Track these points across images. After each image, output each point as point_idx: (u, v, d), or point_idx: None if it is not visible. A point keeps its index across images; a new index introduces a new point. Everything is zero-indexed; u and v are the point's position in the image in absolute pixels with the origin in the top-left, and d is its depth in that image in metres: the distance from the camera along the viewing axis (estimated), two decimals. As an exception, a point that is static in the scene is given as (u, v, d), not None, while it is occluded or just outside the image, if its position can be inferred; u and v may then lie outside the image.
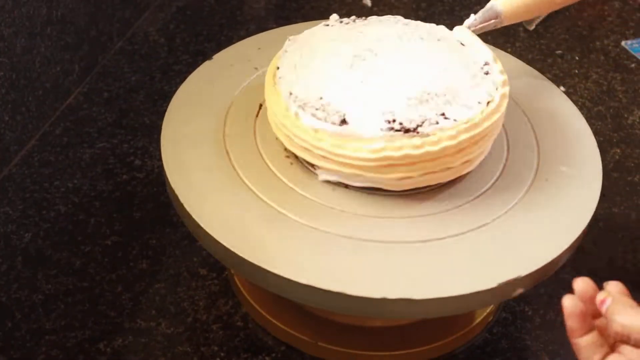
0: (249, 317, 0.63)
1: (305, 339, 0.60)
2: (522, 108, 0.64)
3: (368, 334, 0.61)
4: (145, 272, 0.66)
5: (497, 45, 0.63)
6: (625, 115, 0.87)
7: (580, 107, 0.85)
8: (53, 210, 0.71)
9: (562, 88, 0.87)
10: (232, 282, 0.64)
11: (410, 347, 0.60)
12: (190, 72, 0.65)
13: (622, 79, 0.92)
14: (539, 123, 0.63)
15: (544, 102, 0.65)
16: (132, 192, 0.73)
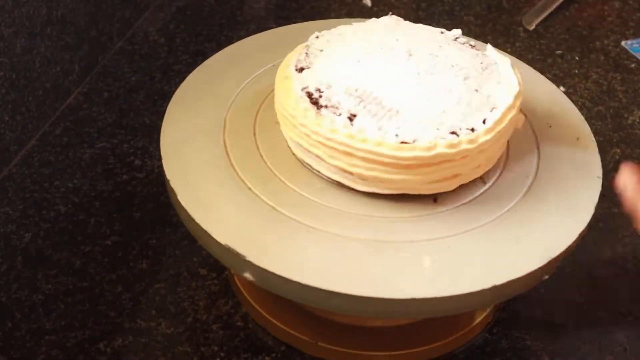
0: (249, 317, 0.63)
1: (305, 339, 0.60)
2: (521, 108, 0.64)
3: (368, 334, 0.61)
4: (145, 272, 0.66)
5: (497, 45, 0.63)
6: (625, 115, 0.86)
7: (580, 107, 0.85)
8: (53, 210, 0.71)
9: (562, 88, 0.87)
10: (232, 282, 0.64)
11: (410, 347, 0.60)
12: (190, 72, 0.65)
13: (622, 79, 0.92)
14: (539, 123, 0.63)
15: (544, 102, 0.65)
16: (132, 192, 0.73)
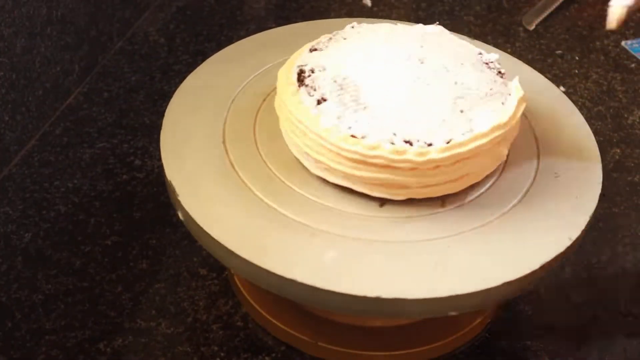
0: (249, 317, 0.63)
1: (305, 339, 0.60)
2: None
3: (368, 334, 0.61)
4: (145, 272, 0.66)
5: (497, 45, 0.63)
6: (625, 115, 0.86)
7: (580, 107, 0.85)
8: (53, 210, 0.71)
9: (562, 88, 0.87)
10: (232, 282, 0.64)
11: (410, 347, 0.60)
12: (190, 72, 0.65)
13: (622, 79, 0.92)
14: (539, 123, 0.63)
15: (544, 102, 0.65)
16: (132, 192, 0.73)
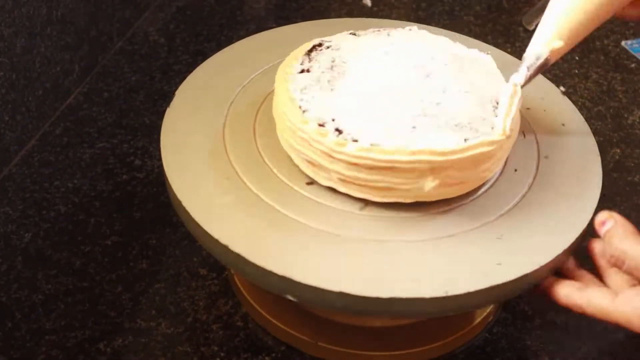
0: (249, 317, 0.63)
1: (305, 339, 0.60)
2: (521, 108, 0.64)
3: (368, 334, 0.61)
4: (145, 272, 0.66)
5: (497, 45, 0.63)
6: (625, 115, 0.87)
7: (580, 107, 0.85)
8: (53, 210, 0.71)
9: (562, 88, 0.87)
10: (232, 282, 0.64)
11: (410, 347, 0.60)
12: (190, 72, 0.65)
13: (622, 79, 0.92)
14: (538, 123, 0.63)
15: (544, 102, 0.65)
16: (132, 192, 0.73)
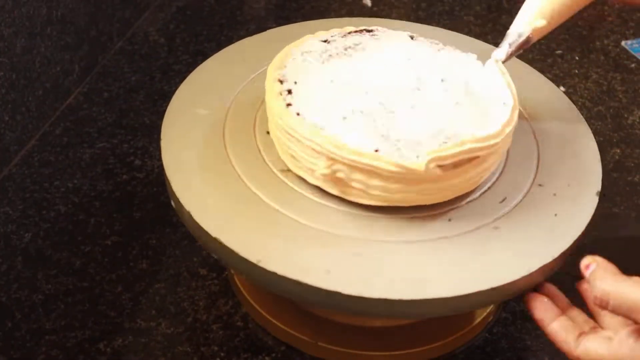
0: (249, 317, 0.63)
1: (305, 339, 0.60)
2: (521, 108, 0.64)
3: (368, 334, 0.61)
4: (145, 272, 0.66)
5: (497, 45, 0.63)
6: (625, 115, 0.87)
7: (580, 107, 0.85)
8: (53, 210, 0.71)
9: (562, 88, 0.87)
10: (232, 282, 0.64)
11: (410, 347, 0.60)
12: (190, 72, 0.65)
13: (622, 79, 0.92)
14: (539, 123, 0.63)
15: (544, 102, 0.65)
16: (132, 192, 0.73)
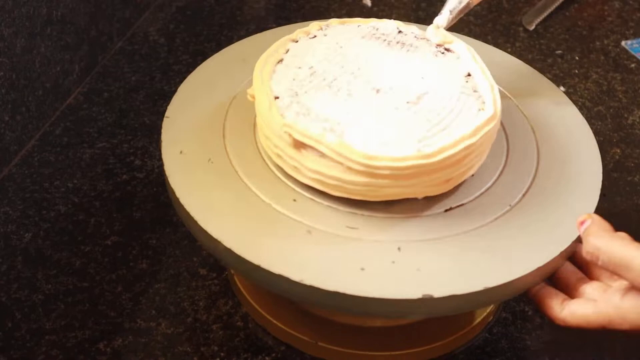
0: (249, 317, 0.63)
1: (305, 339, 0.60)
2: (521, 108, 0.64)
3: (368, 334, 0.61)
4: (145, 272, 0.66)
5: (497, 45, 0.63)
6: (625, 115, 0.87)
7: (580, 107, 0.85)
8: (53, 210, 0.71)
9: (562, 88, 0.87)
10: (232, 282, 0.64)
11: (410, 347, 0.60)
12: (190, 72, 0.65)
13: (622, 79, 0.92)
14: (539, 123, 0.63)
15: (544, 102, 0.65)
16: (132, 192, 0.73)
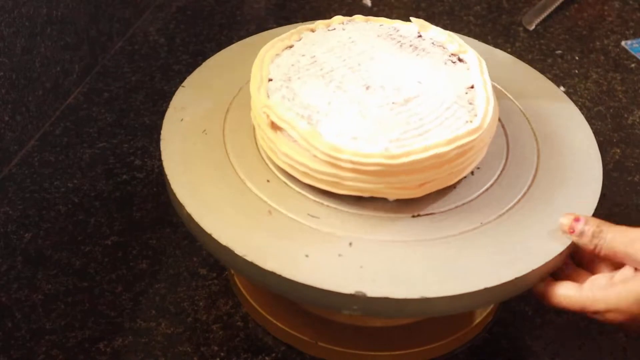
0: (249, 317, 0.63)
1: (305, 339, 0.60)
2: (521, 108, 0.64)
3: (368, 334, 0.61)
4: (145, 272, 0.66)
5: (497, 46, 0.63)
6: (625, 115, 0.87)
7: (580, 107, 0.85)
8: (53, 210, 0.71)
9: (562, 88, 0.87)
10: (232, 282, 0.64)
11: (410, 347, 0.60)
12: (190, 72, 0.65)
13: (622, 79, 0.92)
14: (539, 123, 0.63)
15: (544, 102, 0.65)
16: (132, 192, 0.73)
